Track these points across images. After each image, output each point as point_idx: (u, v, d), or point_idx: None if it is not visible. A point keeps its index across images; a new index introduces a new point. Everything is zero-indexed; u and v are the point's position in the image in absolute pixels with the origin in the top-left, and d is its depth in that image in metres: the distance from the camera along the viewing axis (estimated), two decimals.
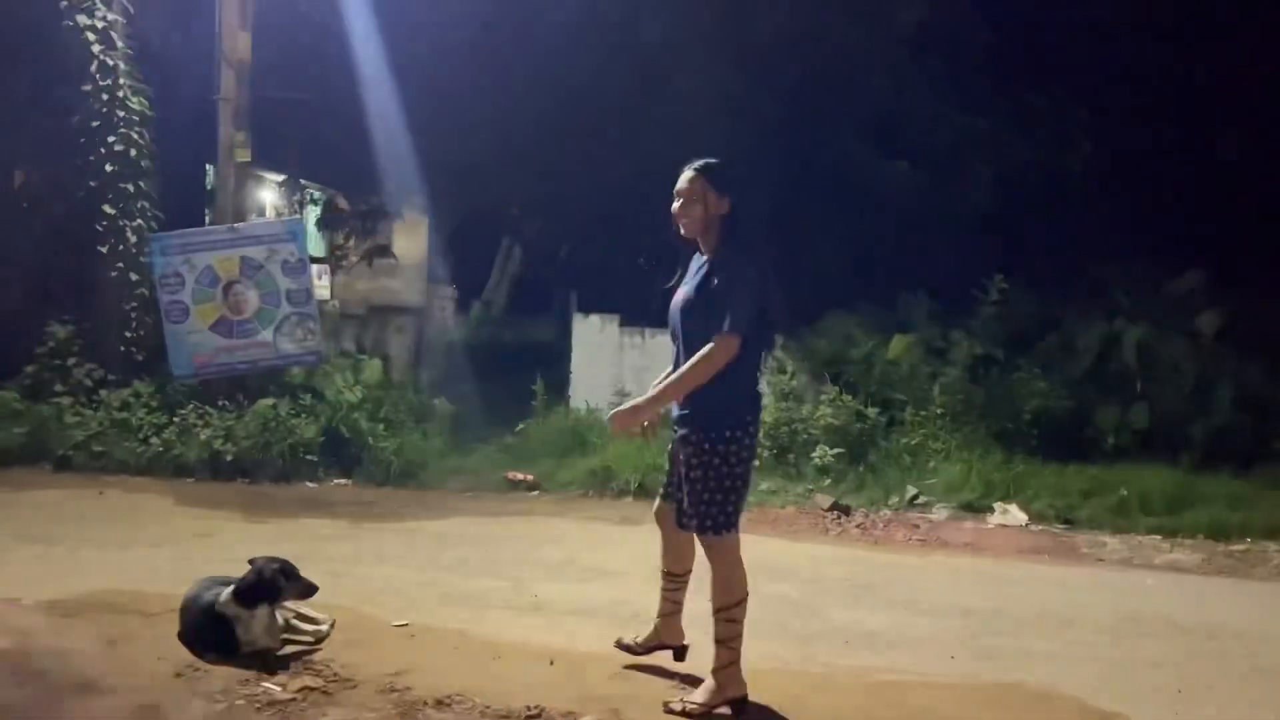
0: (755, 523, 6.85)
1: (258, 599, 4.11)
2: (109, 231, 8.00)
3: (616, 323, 9.67)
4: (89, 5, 7.67)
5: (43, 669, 3.81)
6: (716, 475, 3.50)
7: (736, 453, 3.50)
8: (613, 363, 9.60)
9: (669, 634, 4.13)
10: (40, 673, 3.77)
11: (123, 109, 7.86)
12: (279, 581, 4.19)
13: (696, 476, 3.53)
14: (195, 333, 7.85)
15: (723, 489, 3.51)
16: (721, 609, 3.66)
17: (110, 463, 7.60)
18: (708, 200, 3.52)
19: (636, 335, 9.65)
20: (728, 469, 3.50)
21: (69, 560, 5.40)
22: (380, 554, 5.73)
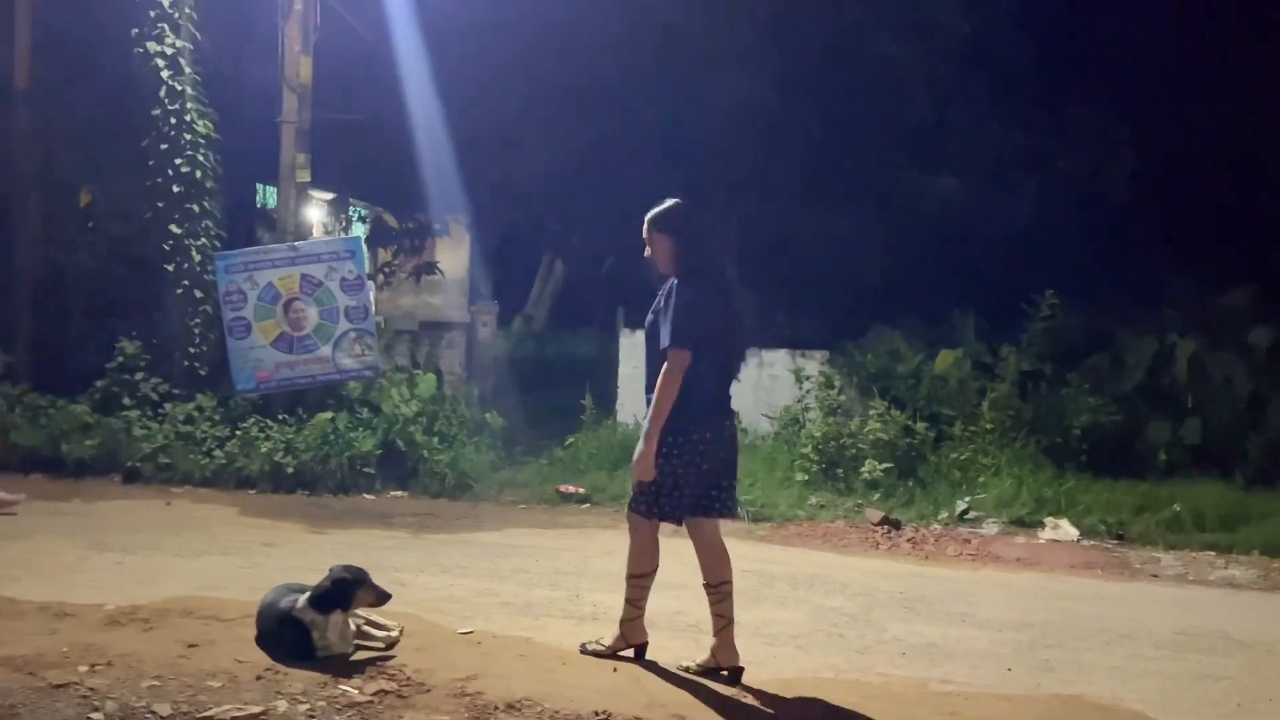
0: (806, 536, 6.94)
1: (332, 605, 4.25)
2: (175, 250, 8.26)
3: None
4: (159, 32, 7.95)
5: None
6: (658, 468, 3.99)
7: (679, 455, 3.98)
8: None
9: (634, 634, 4.37)
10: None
11: (189, 132, 8.13)
12: (352, 589, 4.33)
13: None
14: (257, 348, 8.06)
15: (656, 480, 4.02)
16: (631, 576, 4.29)
17: (176, 474, 7.84)
18: (658, 242, 4.09)
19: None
20: (668, 466, 3.99)
21: (145, 568, 5.59)
22: (441, 564, 5.88)
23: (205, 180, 8.32)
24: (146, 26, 7.95)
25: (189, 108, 8.12)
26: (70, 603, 4.84)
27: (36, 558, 5.69)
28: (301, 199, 8.45)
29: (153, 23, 7.94)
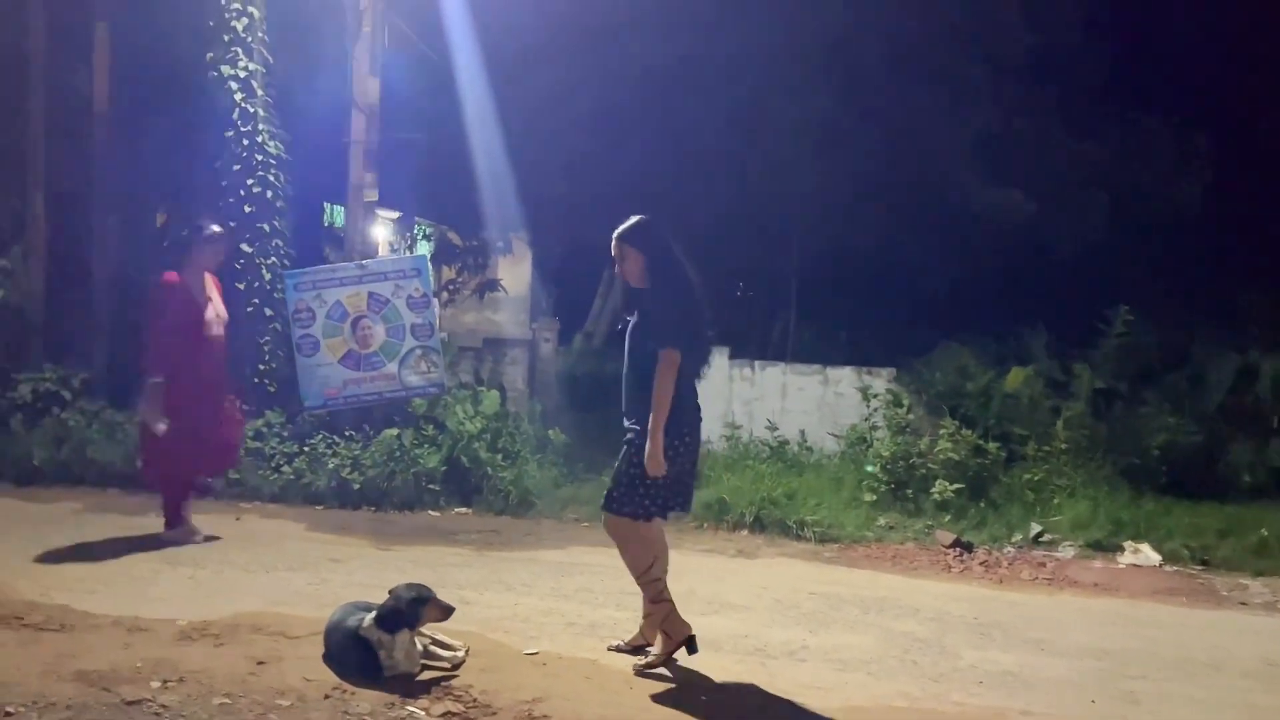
0: (874, 559, 6.80)
1: (399, 624, 4.25)
2: (245, 269, 8.40)
3: (726, 355, 9.71)
4: (232, 55, 8.11)
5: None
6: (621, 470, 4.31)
7: (671, 454, 4.19)
8: (721, 395, 9.63)
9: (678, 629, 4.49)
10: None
11: (260, 153, 8.27)
12: (418, 607, 4.33)
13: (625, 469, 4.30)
14: (325, 365, 8.12)
15: (644, 483, 4.24)
16: (639, 576, 4.43)
17: (246, 490, 7.94)
18: (630, 256, 4.37)
19: (746, 368, 9.68)
20: (630, 468, 4.26)
21: (216, 582, 5.66)
22: (505, 582, 5.86)
23: (275, 200, 8.46)
24: (221, 50, 8.12)
25: (261, 129, 8.27)
26: (144, 617, 4.92)
27: (113, 572, 5.78)
28: (369, 218, 8.54)
29: (227, 46, 8.11)
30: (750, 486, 7.54)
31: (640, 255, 4.38)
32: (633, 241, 4.41)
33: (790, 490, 7.56)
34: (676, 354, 4.17)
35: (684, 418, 4.27)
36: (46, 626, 4.74)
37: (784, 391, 9.63)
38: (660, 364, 4.15)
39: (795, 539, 7.20)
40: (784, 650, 4.82)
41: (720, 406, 9.62)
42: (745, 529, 7.34)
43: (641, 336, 4.31)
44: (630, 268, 4.40)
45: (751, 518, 7.33)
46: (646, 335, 4.27)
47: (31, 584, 5.44)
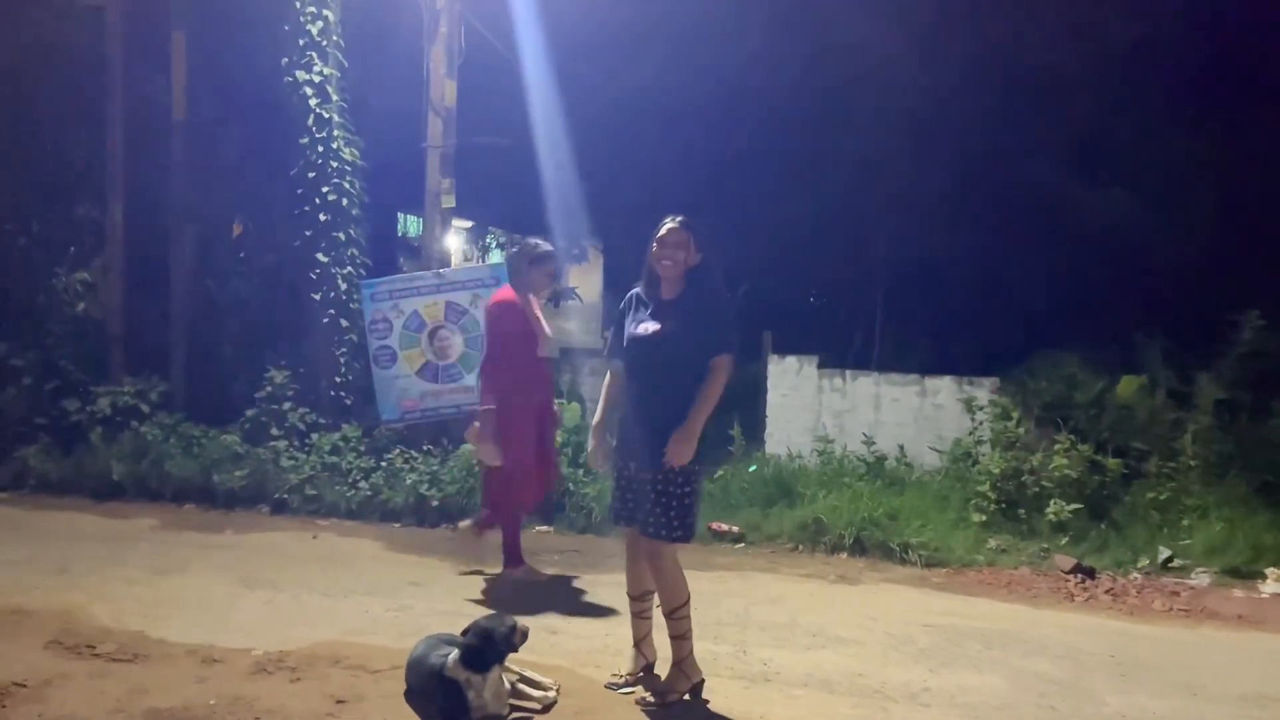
0: (987, 585, 6.30)
1: (487, 662, 3.92)
2: (321, 278, 8.20)
3: (815, 364, 9.24)
4: (307, 60, 7.92)
5: None
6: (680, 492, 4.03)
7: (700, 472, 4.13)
8: (809, 407, 9.16)
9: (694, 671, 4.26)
10: None
11: (336, 160, 8.07)
12: (506, 642, 4.00)
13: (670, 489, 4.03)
14: (402, 377, 7.91)
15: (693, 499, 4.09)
16: (679, 608, 4.15)
17: (322, 506, 7.72)
18: (690, 250, 4.11)
19: (837, 378, 9.19)
20: (677, 490, 4.03)
21: (293, 607, 5.40)
22: (592, 609, 5.50)
23: (351, 208, 8.25)
24: (296, 55, 7.94)
25: (336, 135, 8.07)
26: (220, 646, 4.67)
27: (189, 595, 5.57)
28: (446, 225, 8.28)
29: (302, 51, 7.92)
30: (849, 506, 7.07)
31: (696, 253, 4.14)
32: (697, 234, 4.16)
33: (892, 510, 7.08)
34: (732, 361, 4.06)
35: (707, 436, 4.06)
36: (119, 657, 4.52)
37: (877, 403, 9.12)
38: (718, 372, 4.01)
39: (899, 563, 6.72)
40: (905, 692, 4.37)
41: (809, 418, 9.15)
42: (844, 552, 6.88)
43: (683, 345, 4.04)
44: (680, 259, 4.11)
45: (851, 539, 6.87)
46: (695, 342, 4.04)
47: (107, 607, 5.25)
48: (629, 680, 4.33)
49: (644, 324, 4.14)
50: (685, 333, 4.04)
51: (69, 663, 4.42)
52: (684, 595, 4.14)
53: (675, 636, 4.16)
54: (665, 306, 4.14)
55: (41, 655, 4.50)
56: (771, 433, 9.31)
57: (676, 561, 4.15)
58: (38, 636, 4.73)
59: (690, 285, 4.14)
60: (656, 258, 4.13)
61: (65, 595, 5.42)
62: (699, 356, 4.02)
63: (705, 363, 4.02)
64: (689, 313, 4.07)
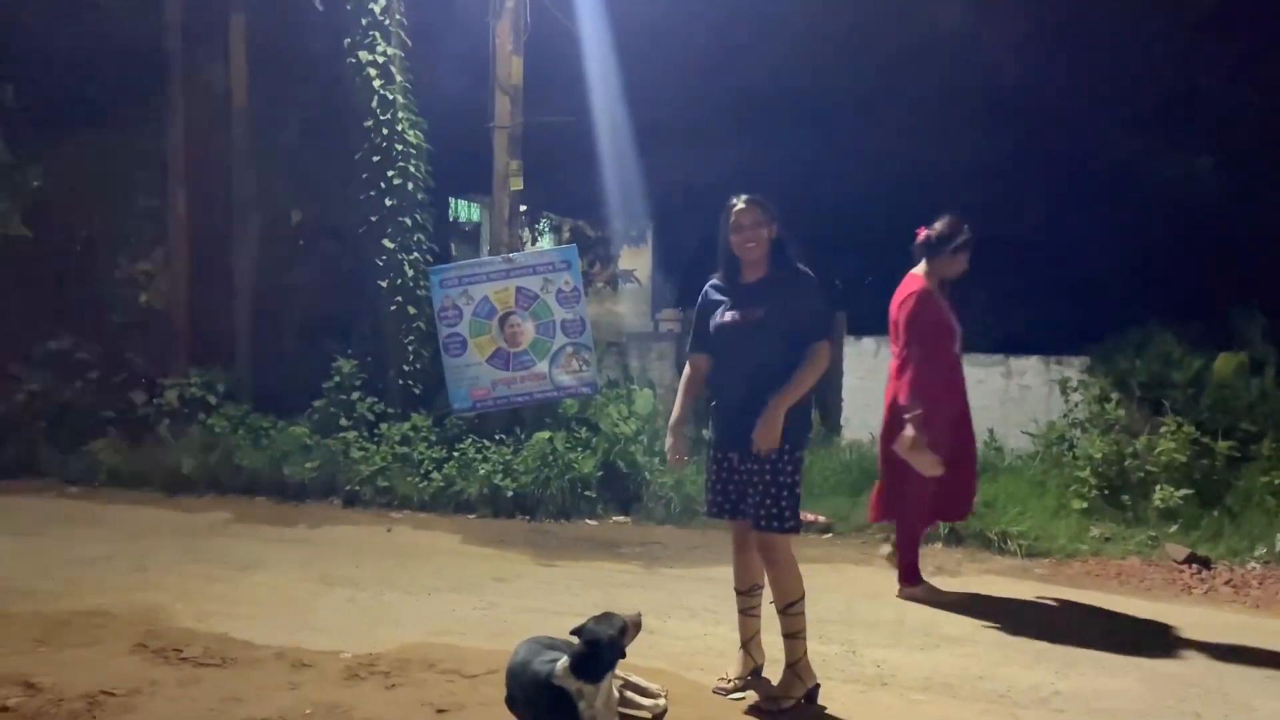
0: (1095, 576, 5.97)
1: (600, 670, 3.68)
2: (387, 265, 8.01)
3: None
4: (370, 40, 7.71)
5: None
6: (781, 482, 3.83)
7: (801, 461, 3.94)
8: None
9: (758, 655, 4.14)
10: None
11: (400, 142, 7.85)
12: (618, 646, 3.76)
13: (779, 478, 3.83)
14: (473, 365, 7.70)
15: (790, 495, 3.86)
16: (793, 604, 3.93)
17: (395, 497, 7.56)
18: (769, 226, 3.93)
19: None
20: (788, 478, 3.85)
21: (376, 607, 5.22)
22: (687, 606, 5.26)
23: (417, 192, 8.04)
24: (358, 35, 7.72)
25: (400, 117, 7.85)
26: (307, 649, 4.50)
27: (269, 593, 5.42)
28: (515, 208, 8.04)
29: (364, 31, 7.71)
30: None
31: (774, 228, 3.95)
32: (767, 208, 3.97)
33: (987, 497, 6.75)
34: (830, 346, 3.92)
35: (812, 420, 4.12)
36: (206, 661, 4.36)
37: None
38: (816, 359, 3.83)
39: (999, 553, 6.41)
40: (1033, 697, 4.09)
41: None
42: (939, 542, 6.58)
43: (770, 331, 3.86)
44: (762, 238, 3.92)
45: (946, 529, 6.56)
46: (794, 325, 3.86)
47: (189, 607, 5.11)
48: (738, 685, 4.09)
49: (732, 311, 3.96)
50: (779, 316, 3.86)
51: (156, 668, 4.27)
52: (800, 590, 3.92)
53: (789, 635, 3.94)
54: (751, 290, 3.95)
55: (128, 660, 4.36)
56: (848, 417, 9.00)
57: (791, 554, 3.93)
58: (123, 640, 4.59)
59: (774, 265, 3.97)
60: (738, 243, 3.95)
61: (146, 595, 5.29)
62: (796, 340, 3.85)
63: (802, 346, 3.85)
64: (779, 296, 3.89)
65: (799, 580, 3.93)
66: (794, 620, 3.93)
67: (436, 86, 8.34)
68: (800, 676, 3.95)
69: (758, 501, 3.84)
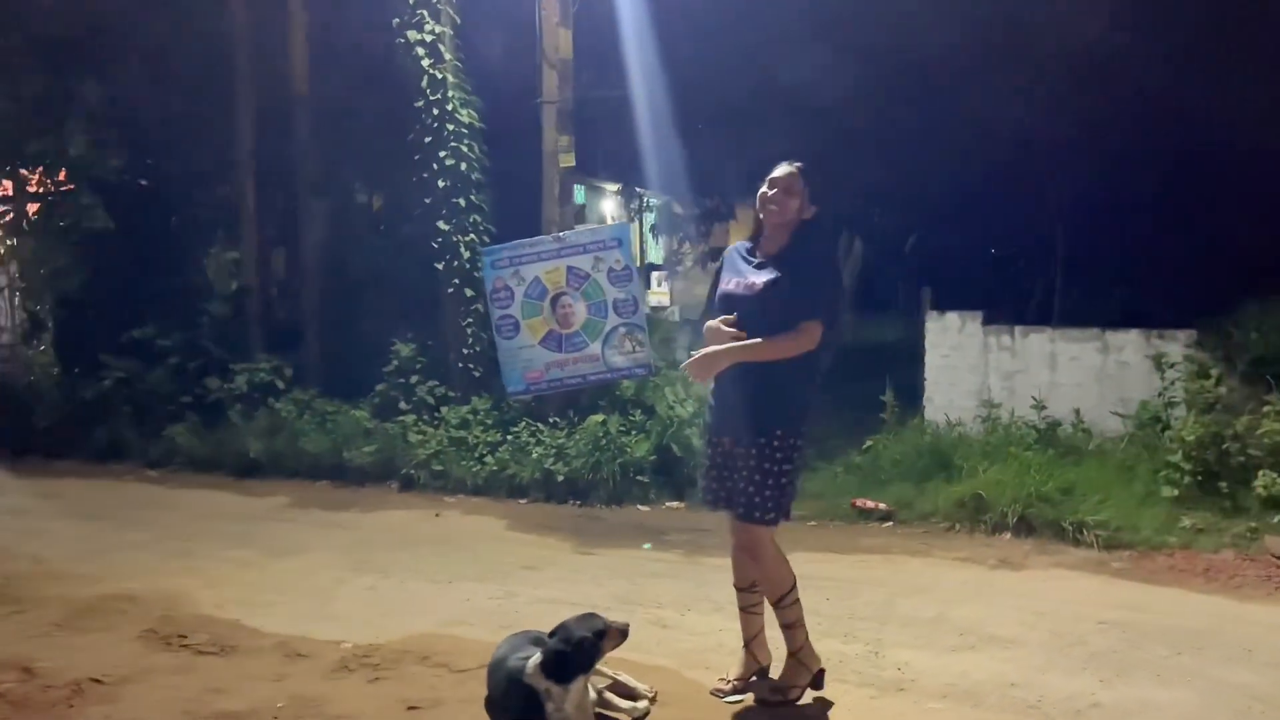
0: (1179, 572, 5.40)
1: (570, 671, 3.45)
2: (444, 247, 7.94)
3: (979, 321, 8.33)
4: (418, 19, 7.61)
5: None
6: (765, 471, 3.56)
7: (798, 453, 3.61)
8: (975, 368, 8.26)
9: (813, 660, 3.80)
10: None
11: (452, 122, 7.74)
12: (594, 648, 3.53)
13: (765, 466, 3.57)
14: (526, 348, 7.45)
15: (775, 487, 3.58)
16: (783, 597, 3.71)
17: (449, 482, 7.50)
18: (803, 200, 3.64)
19: (1005, 335, 8.26)
20: (775, 467, 3.56)
21: (396, 595, 5.14)
22: (712, 599, 4.95)
23: (471, 172, 7.92)
24: (407, 15, 7.64)
25: (451, 97, 7.74)
26: (311, 638, 4.44)
27: (296, 580, 5.40)
28: (567, 185, 7.84)
29: (412, 10, 7.62)
30: (1014, 480, 6.25)
31: (810, 208, 3.66)
32: (813, 184, 3.67)
33: (1066, 484, 6.20)
34: (820, 331, 3.52)
35: (811, 406, 3.68)
36: (207, 649, 4.33)
37: (1053, 362, 8.14)
38: (800, 335, 3.48)
39: (1073, 544, 5.87)
40: (1066, 709, 3.66)
41: (975, 381, 8.26)
42: (1008, 532, 6.08)
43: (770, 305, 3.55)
44: (791, 207, 3.64)
45: (1015, 518, 6.06)
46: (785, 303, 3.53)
47: (213, 593, 5.13)
48: (737, 686, 3.82)
49: (737, 279, 3.72)
50: (781, 291, 3.55)
51: (157, 655, 4.26)
52: (788, 582, 3.69)
53: (785, 626, 3.73)
54: (764, 262, 3.69)
55: (133, 646, 4.37)
56: (931, 397, 8.47)
57: (773, 546, 3.67)
58: (137, 625, 4.62)
59: (796, 242, 3.67)
60: (764, 200, 3.69)
61: (176, 580, 5.33)
62: (792, 318, 3.50)
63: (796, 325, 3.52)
64: (789, 270, 3.58)
65: (786, 572, 3.69)
66: (787, 612, 3.70)
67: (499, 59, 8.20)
68: (804, 663, 3.74)
69: (741, 489, 3.60)
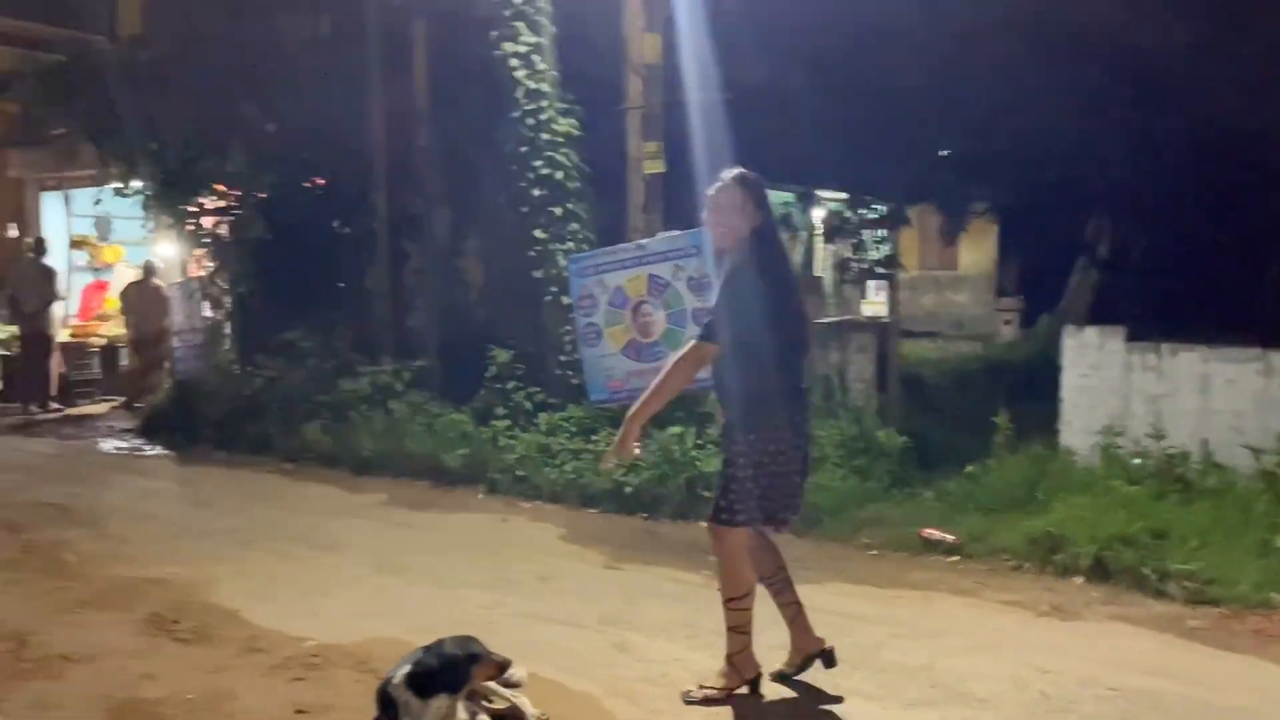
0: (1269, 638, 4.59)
1: (432, 688, 3.38)
2: (541, 256, 8.02)
3: (1121, 338, 7.39)
4: (513, 31, 7.74)
5: None
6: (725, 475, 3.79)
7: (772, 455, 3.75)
8: (1116, 390, 7.31)
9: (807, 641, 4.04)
10: None
11: (547, 132, 7.82)
12: (464, 667, 3.44)
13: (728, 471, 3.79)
14: (608, 356, 7.48)
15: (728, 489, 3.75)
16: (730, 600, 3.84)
17: (530, 487, 7.54)
18: (746, 211, 3.71)
19: (1150, 353, 7.28)
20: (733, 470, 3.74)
21: (395, 597, 5.23)
22: (700, 625, 4.64)
23: (568, 181, 7.96)
24: (503, 28, 7.79)
25: (546, 107, 7.81)
26: (284, 633, 4.61)
27: (319, 576, 5.60)
28: (653, 192, 7.70)
29: (508, 22, 7.76)
30: (1093, 518, 5.49)
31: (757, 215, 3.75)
32: (754, 196, 3.75)
33: (1162, 525, 5.38)
34: (708, 349, 3.75)
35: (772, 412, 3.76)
36: (182, 637, 4.60)
37: (1205, 384, 7.08)
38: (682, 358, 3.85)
39: (1154, 595, 5.07)
40: None
41: (1115, 404, 7.30)
42: (1080, 575, 5.34)
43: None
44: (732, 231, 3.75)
45: (1090, 559, 5.32)
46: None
47: (235, 584, 5.38)
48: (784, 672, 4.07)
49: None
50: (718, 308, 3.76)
51: (135, 639, 4.55)
52: (743, 587, 3.82)
53: (730, 627, 3.86)
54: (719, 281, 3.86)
55: (126, 629, 4.68)
56: (1069, 421, 7.60)
57: (735, 549, 3.81)
58: (147, 609, 4.94)
59: (746, 256, 3.74)
60: (707, 223, 3.87)
61: (212, 568, 5.65)
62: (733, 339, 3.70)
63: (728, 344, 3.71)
64: (720, 287, 3.77)
65: (742, 577, 3.83)
66: (734, 615, 3.84)
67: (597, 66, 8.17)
68: (737, 668, 3.87)
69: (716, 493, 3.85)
